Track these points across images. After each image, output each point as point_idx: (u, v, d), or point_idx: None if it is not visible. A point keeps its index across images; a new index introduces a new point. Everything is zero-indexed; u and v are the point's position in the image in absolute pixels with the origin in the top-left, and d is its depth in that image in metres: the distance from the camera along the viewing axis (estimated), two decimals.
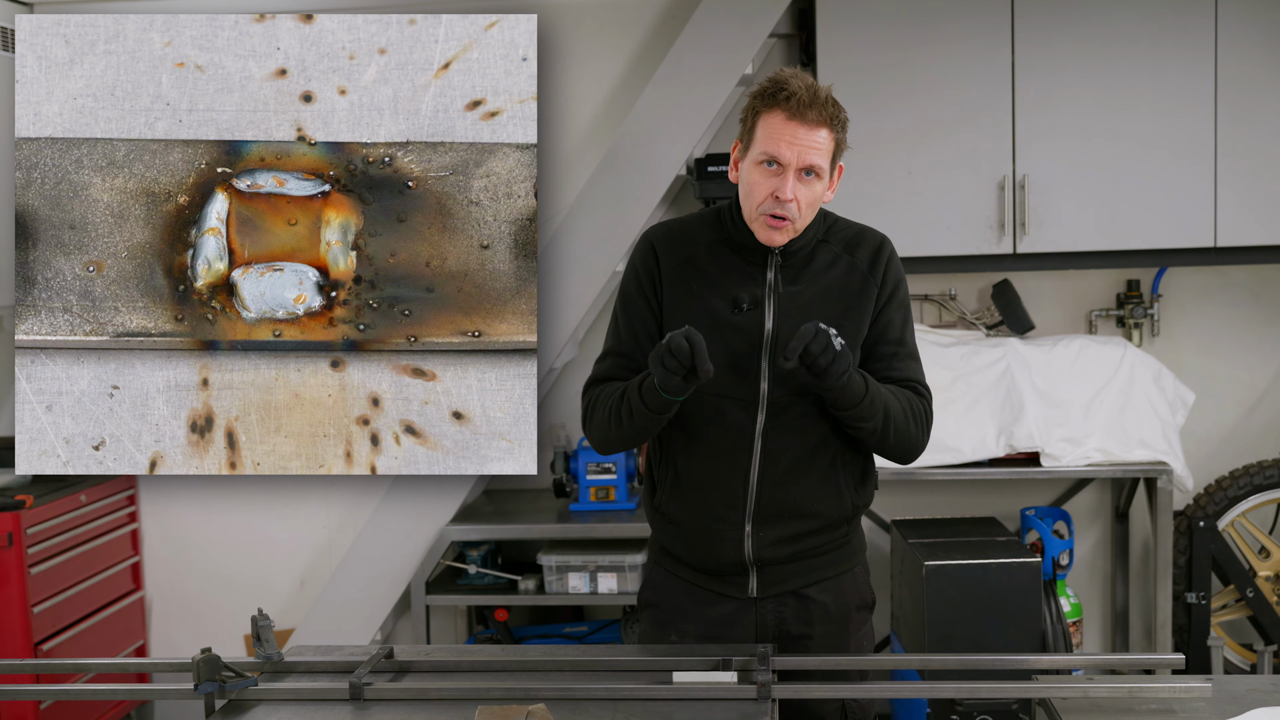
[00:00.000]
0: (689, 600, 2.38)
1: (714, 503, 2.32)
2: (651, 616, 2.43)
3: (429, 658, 2.28)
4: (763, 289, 2.28)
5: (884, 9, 3.89)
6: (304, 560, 4.56)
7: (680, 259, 2.32)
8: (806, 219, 2.25)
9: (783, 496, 2.30)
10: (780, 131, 2.17)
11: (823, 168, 2.20)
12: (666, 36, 4.22)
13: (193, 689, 2.07)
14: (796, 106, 2.16)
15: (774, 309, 2.27)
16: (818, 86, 2.19)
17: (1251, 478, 4.04)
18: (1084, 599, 4.29)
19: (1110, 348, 3.90)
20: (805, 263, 2.30)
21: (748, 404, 2.27)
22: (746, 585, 2.34)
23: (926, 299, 4.30)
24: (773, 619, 2.35)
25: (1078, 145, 3.87)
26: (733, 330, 2.27)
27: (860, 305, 2.30)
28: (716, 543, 2.32)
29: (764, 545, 2.31)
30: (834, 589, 2.37)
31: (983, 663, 2.25)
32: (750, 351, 2.26)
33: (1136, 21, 3.84)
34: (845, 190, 3.89)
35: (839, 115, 2.21)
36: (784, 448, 2.28)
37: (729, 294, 2.27)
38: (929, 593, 3.50)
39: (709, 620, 2.36)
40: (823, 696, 2.26)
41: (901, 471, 3.81)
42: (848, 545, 2.39)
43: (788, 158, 2.17)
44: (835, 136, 2.21)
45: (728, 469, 2.29)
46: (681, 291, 2.30)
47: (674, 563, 2.40)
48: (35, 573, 3.94)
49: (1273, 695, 2.09)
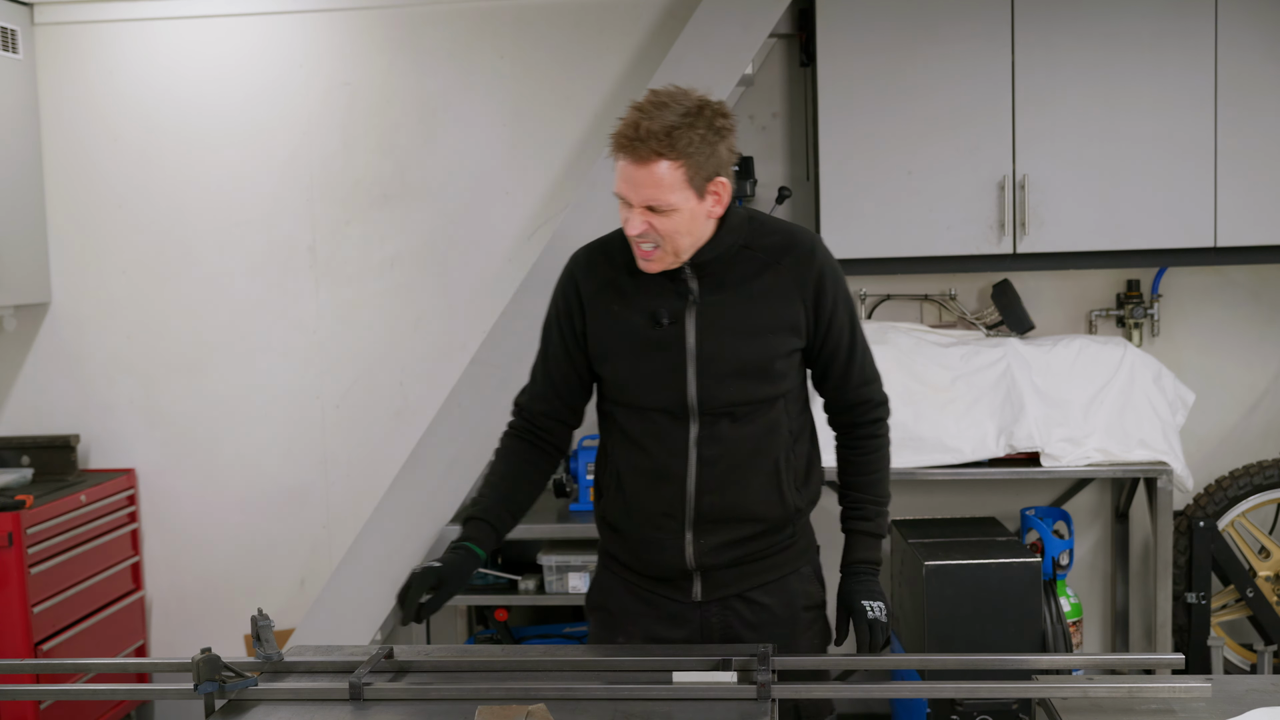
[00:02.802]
0: (635, 603, 2.40)
1: (654, 512, 2.34)
2: (599, 619, 2.46)
3: (429, 658, 2.28)
4: (684, 302, 2.28)
5: (884, 9, 3.89)
6: (304, 560, 4.56)
7: (601, 282, 2.34)
8: (680, 243, 2.22)
9: (722, 503, 2.31)
10: (620, 171, 2.20)
11: (667, 202, 2.16)
12: (666, 36, 4.22)
13: (193, 689, 2.07)
14: (625, 144, 2.16)
15: (695, 321, 2.27)
16: (641, 121, 2.14)
17: (1251, 478, 4.04)
18: (1084, 599, 4.29)
19: (1110, 348, 3.90)
20: (725, 271, 2.29)
21: (679, 416, 2.29)
22: (690, 590, 2.36)
23: (926, 299, 4.30)
24: (718, 622, 2.37)
25: (1078, 145, 3.87)
26: (655, 346, 2.28)
27: (793, 313, 2.29)
28: (658, 550, 2.35)
29: (705, 552, 2.33)
30: (779, 591, 2.39)
31: (983, 663, 2.25)
32: (676, 365, 2.28)
33: (1136, 21, 3.83)
34: (846, 190, 3.93)
35: (677, 143, 2.13)
36: (719, 455, 2.29)
37: (649, 310, 2.29)
38: (929, 593, 3.50)
39: (655, 623, 2.38)
40: (823, 696, 2.26)
41: (901, 471, 3.80)
42: (793, 547, 2.41)
43: (628, 195, 2.19)
44: (681, 163, 2.14)
45: (665, 479, 2.31)
46: (603, 313, 2.33)
47: (620, 567, 2.43)
48: (35, 573, 3.94)
49: (1273, 695, 2.09)
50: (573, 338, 2.37)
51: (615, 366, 2.32)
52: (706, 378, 2.26)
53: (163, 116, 4.48)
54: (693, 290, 2.28)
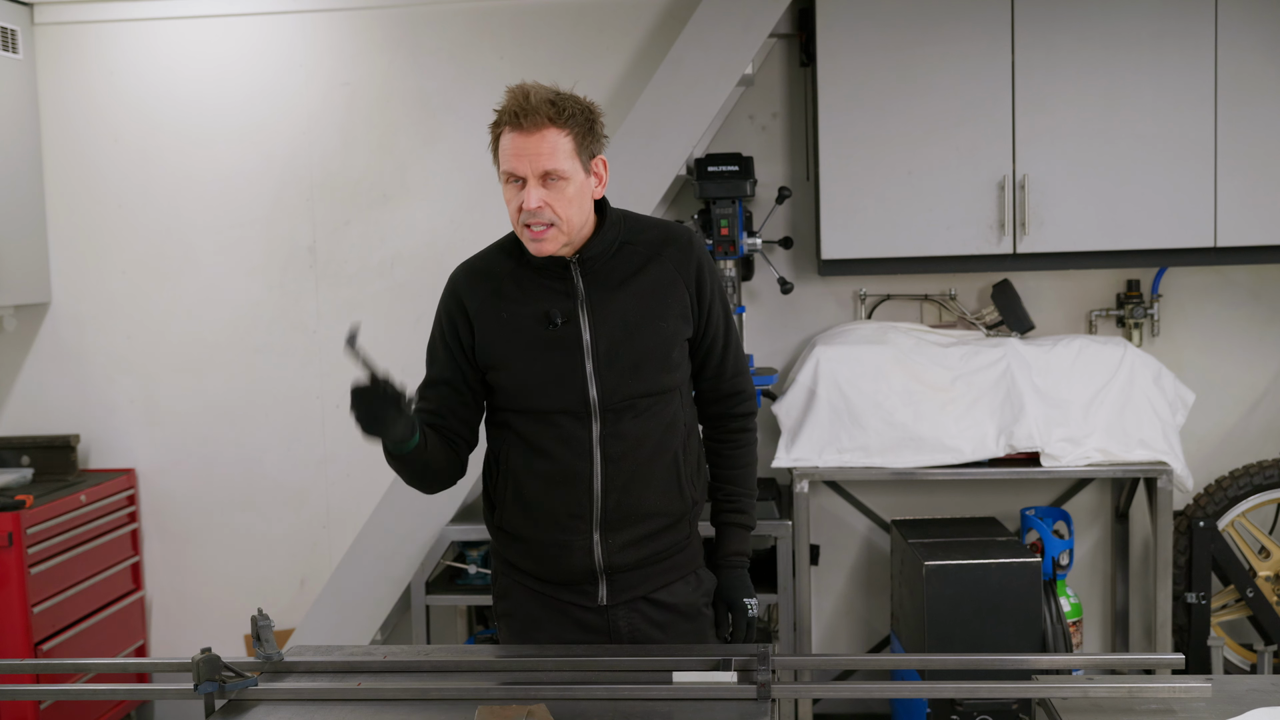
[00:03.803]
0: (541, 609, 2.41)
1: (560, 514, 2.34)
2: (508, 626, 2.46)
3: (429, 658, 2.28)
4: (574, 301, 2.30)
5: (884, 9, 3.89)
6: (304, 560, 4.56)
7: (486, 294, 2.34)
8: (572, 220, 2.25)
9: (628, 500, 2.33)
10: (509, 147, 2.22)
11: (561, 169, 2.20)
12: (666, 36, 4.22)
13: (193, 689, 2.08)
14: (513, 118, 2.20)
15: (588, 317, 2.29)
16: (532, 91, 2.21)
17: (1251, 478, 4.04)
18: (1084, 599, 4.29)
19: (1110, 348, 3.90)
20: (610, 267, 2.32)
21: (580, 414, 2.30)
22: (596, 594, 2.37)
23: (926, 299, 4.30)
24: (625, 625, 2.38)
25: (1078, 145, 3.87)
26: (551, 345, 2.29)
27: (678, 304, 2.34)
28: (566, 554, 2.35)
29: (613, 551, 2.34)
30: (682, 590, 2.42)
31: (983, 663, 2.25)
32: (574, 364, 2.29)
33: (1136, 21, 3.84)
34: (846, 190, 3.93)
35: (565, 111, 2.21)
36: (623, 452, 2.31)
37: (541, 312, 2.30)
38: (929, 593, 3.50)
39: (561, 628, 2.39)
40: (823, 696, 2.26)
41: (901, 471, 3.81)
42: (690, 546, 2.44)
43: (521, 168, 2.21)
44: (570, 132, 2.21)
45: (570, 480, 2.32)
46: (493, 323, 2.32)
47: (522, 574, 2.43)
48: (35, 573, 3.94)
49: (1273, 695, 2.09)
50: (460, 353, 2.36)
51: (512, 372, 2.31)
52: (606, 372, 2.29)
53: (163, 116, 4.48)
54: (580, 289, 2.30)
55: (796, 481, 3.84)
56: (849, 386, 3.86)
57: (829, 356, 3.91)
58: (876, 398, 3.84)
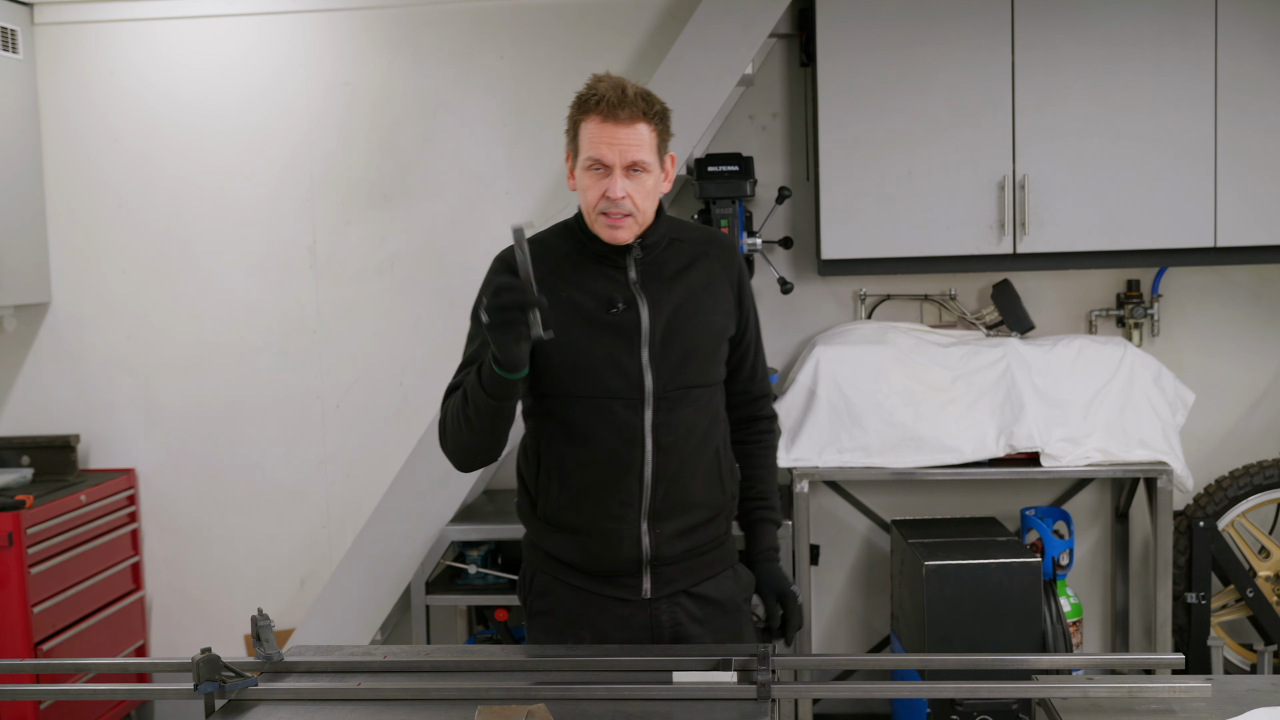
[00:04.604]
0: (581, 606, 2.39)
1: (610, 503, 2.33)
2: (544, 624, 2.43)
3: (429, 658, 2.28)
4: (632, 288, 2.33)
5: (884, 9, 3.89)
6: (304, 560, 4.56)
7: (544, 271, 2.30)
8: (647, 211, 2.30)
9: (675, 490, 2.34)
10: (599, 135, 2.25)
11: (647, 161, 2.26)
12: (666, 36, 4.22)
13: (193, 689, 2.07)
14: (608, 108, 2.24)
15: (647, 305, 2.32)
16: (626, 84, 2.26)
17: (1251, 478, 4.04)
18: (1084, 599, 4.29)
19: (1110, 348, 3.90)
20: (663, 260, 2.36)
21: (634, 401, 2.30)
22: (639, 587, 2.36)
23: (926, 299, 4.30)
24: (667, 619, 2.37)
25: (1078, 145, 3.87)
26: (610, 330, 2.30)
27: (725, 300, 2.40)
28: (614, 544, 2.34)
29: (661, 541, 2.34)
30: (723, 584, 2.43)
31: (983, 663, 2.25)
32: (631, 349, 2.30)
33: (1136, 21, 3.84)
34: (846, 190, 3.93)
35: (653, 108, 2.27)
36: (673, 441, 2.32)
37: (599, 297, 2.31)
38: (929, 593, 3.50)
39: (603, 624, 2.37)
40: (823, 696, 2.26)
41: (901, 471, 3.81)
42: (728, 541, 2.46)
43: (610, 158, 2.24)
44: (655, 129, 2.28)
45: (621, 468, 2.32)
46: (552, 300, 2.28)
47: (562, 568, 2.40)
48: (35, 573, 3.94)
49: (1273, 695, 2.08)
50: None
51: (565, 353, 2.29)
52: (661, 361, 2.30)
53: (163, 116, 4.48)
54: (636, 278, 2.33)
55: (796, 481, 3.84)
56: (849, 386, 3.87)
57: (829, 356, 3.91)
58: (876, 398, 3.84)
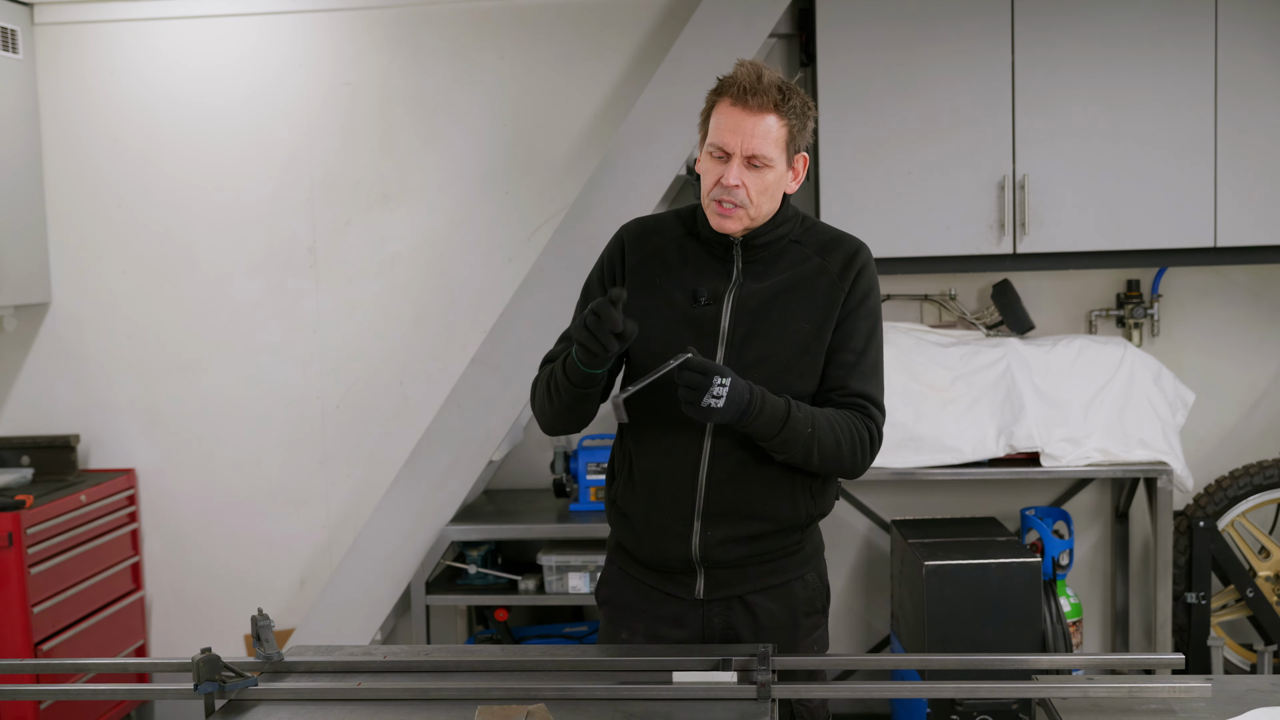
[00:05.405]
0: (639, 598, 2.38)
1: (663, 496, 2.31)
2: (606, 613, 2.45)
3: (429, 658, 2.28)
4: (725, 284, 2.28)
5: (884, 9, 3.89)
6: (304, 560, 4.56)
7: (646, 253, 2.34)
8: (762, 207, 2.24)
9: (731, 496, 2.28)
10: (726, 119, 2.20)
11: (769, 156, 2.19)
12: (666, 36, 4.22)
13: (193, 689, 2.08)
14: (739, 93, 2.18)
15: (732, 304, 2.27)
16: (764, 72, 2.18)
17: (1251, 478, 4.04)
18: (1084, 599, 4.29)
19: (1110, 348, 3.90)
20: (773, 259, 2.30)
21: None
22: (694, 586, 2.33)
23: (926, 299, 4.30)
24: (720, 623, 2.34)
25: (1078, 145, 3.87)
26: (691, 323, 2.27)
27: (825, 309, 2.28)
28: (664, 538, 2.32)
29: (711, 544, 2.29)
30: (783, 596, 2.35)
31: (983, 663, 2.25)
32: (706, 346, 2.26)
33: (1136, 21, 3.83)
34: (846, 190, 3.93)
35: (789, 102, 2.19)
36: (734, 445, 2.26)
37: (690, 287, 2.29)
38: (929, 593, 3.50)
39: (657, 619, 2.36)
40: (823, 696, 2.25)
41: (901, 471, 3.81)
42: (800, 552, 2.37)
43: (732, 145, 2.19)
44: (787, 124, 2.20)
45: (677, 463, 2.29)
46: (644, 285, 2.31)
47: (627, 559, 2.41)
48: (35, 573, 3.94)
49: (1273, 695, 2.09)
50: None
51: (646, 342, 2.27)
52: (735, 362, 2.24)
53: (163, 116, 4.48)
54: (736, 272, 2.28)
55: None
56: None
57: None
58: None
